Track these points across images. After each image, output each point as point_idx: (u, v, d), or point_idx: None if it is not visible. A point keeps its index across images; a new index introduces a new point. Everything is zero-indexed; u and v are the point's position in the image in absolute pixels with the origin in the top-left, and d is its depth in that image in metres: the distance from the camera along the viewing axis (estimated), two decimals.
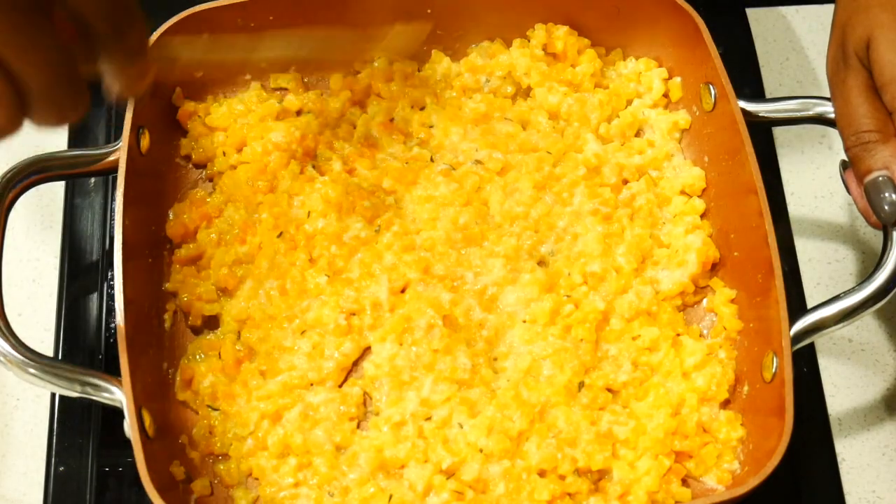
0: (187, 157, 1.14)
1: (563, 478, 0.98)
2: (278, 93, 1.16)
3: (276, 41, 1.04)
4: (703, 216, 1.11)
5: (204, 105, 1.14)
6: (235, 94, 1.16)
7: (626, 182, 1.12)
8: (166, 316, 1.06)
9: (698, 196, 1.11)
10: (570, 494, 0.97)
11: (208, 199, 1.10)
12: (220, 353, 1.04)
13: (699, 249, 1.07)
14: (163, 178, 1.12)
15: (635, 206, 1.11)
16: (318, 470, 0.99)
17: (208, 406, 1.02)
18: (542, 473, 0.98)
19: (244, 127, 1.13)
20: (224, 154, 1.13)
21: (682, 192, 1.12)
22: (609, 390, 1.03)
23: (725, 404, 1.03)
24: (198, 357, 1.04)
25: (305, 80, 1.17)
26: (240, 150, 1.13)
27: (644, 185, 1.11)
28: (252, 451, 1.00)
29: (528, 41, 1.17)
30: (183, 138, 1.14)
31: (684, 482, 1.00)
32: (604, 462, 0.98)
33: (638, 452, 0.99)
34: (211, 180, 1.13)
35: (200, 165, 1.14)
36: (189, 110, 1.14)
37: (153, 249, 1.08)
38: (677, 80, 1.15)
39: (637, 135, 1.16)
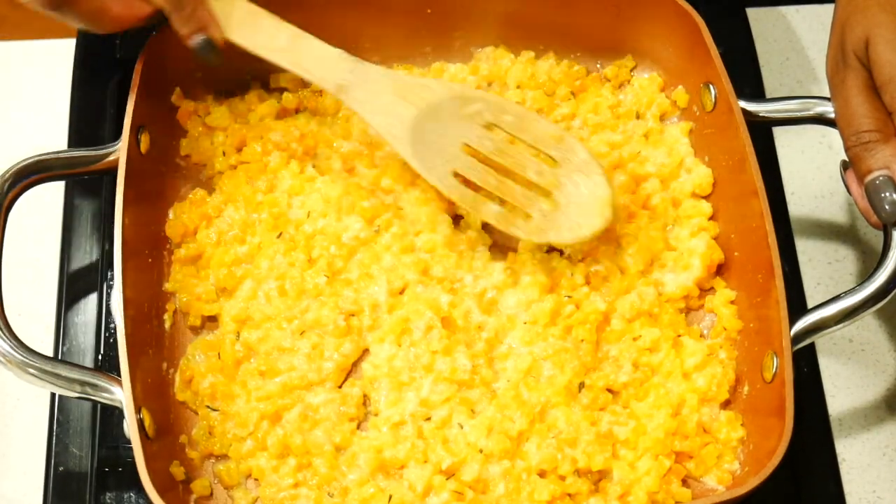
0: (187, 157, 1.14)
1: (563, 478, 0.98)
2: (278, 93, 1.16)
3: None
4: (710, 219, 1.10)
5: (204, 105, 1.14)
6: (235, 94, 1.16)
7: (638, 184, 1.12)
8: (166, 316, 1.06)
9: (706, 197, 1.11)
10: (570, 495, 0.97)
11: (208, 199, 1.10)
12: (219, 354, 1.04)
13: (703, 254, 1.07)
14: (163, 178, 1.12)
15: (651, 205, 1.10)
16: (317, 470, 0.99)
17: (208, 406, 1.02)
18: (542, 474, 0.98)
19: (244, 127, 1.13)
20: (224, 154, 1.12)
21: (693, 195, 1.11)
22: (609, 391, 1.03)
23: (726, 405, 1.03)
24: (197, 357, 1.04)
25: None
26: (240, 150, 1.13)
27: (658, 185, 1.11)
28: (251, 452, 1.00)
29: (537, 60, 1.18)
30: (183, 138, 1.14)
31: (684, 482, 1.00)
32: (604, 462, 0.98)
33: (638, 453, 0.99)
34: (211, 179, 1.13)
35: (200, 165, 1.14)
36: (189, 110, 1.14)
37: (153, 249, 1.08)
38: (681, 88, 1.15)
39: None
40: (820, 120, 1.06)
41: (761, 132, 1.11)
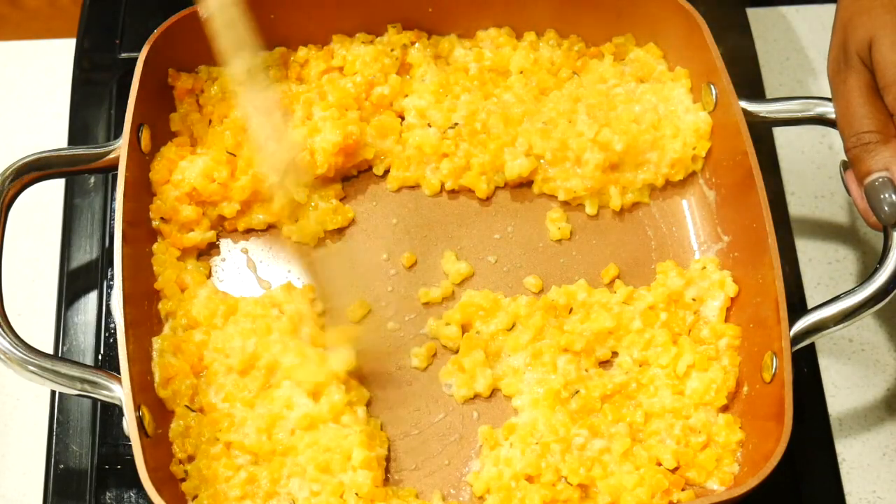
0: None
1: (553, 484, 0.96)
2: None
3: None
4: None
5: (199, 81, 1.13)
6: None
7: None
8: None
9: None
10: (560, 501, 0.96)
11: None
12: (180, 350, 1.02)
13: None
14: None
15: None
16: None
17: (186, 406, 1.00)
18: (530, 479, 0.97)
19: (232, 97, 1.12)
20: (210, 123, 1.11)
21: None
22: (604, 396, 1.02)
23: (724, 407, 1.02)
24: (168, 356, 1.01)
25: (292, 58, 1.16)
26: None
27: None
28: (217, 456, 0.98)
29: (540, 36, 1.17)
30: (173, 112, 1.12)
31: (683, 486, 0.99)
32: (595, 471, 0.97)
33: (633, 461, 0.98)
34: None
35: None
36: (186, 87, 1.13)
37: (153, 247, 1.08)
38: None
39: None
40: (820, 120, 1.06)
41: (762, 132, 1.11)
